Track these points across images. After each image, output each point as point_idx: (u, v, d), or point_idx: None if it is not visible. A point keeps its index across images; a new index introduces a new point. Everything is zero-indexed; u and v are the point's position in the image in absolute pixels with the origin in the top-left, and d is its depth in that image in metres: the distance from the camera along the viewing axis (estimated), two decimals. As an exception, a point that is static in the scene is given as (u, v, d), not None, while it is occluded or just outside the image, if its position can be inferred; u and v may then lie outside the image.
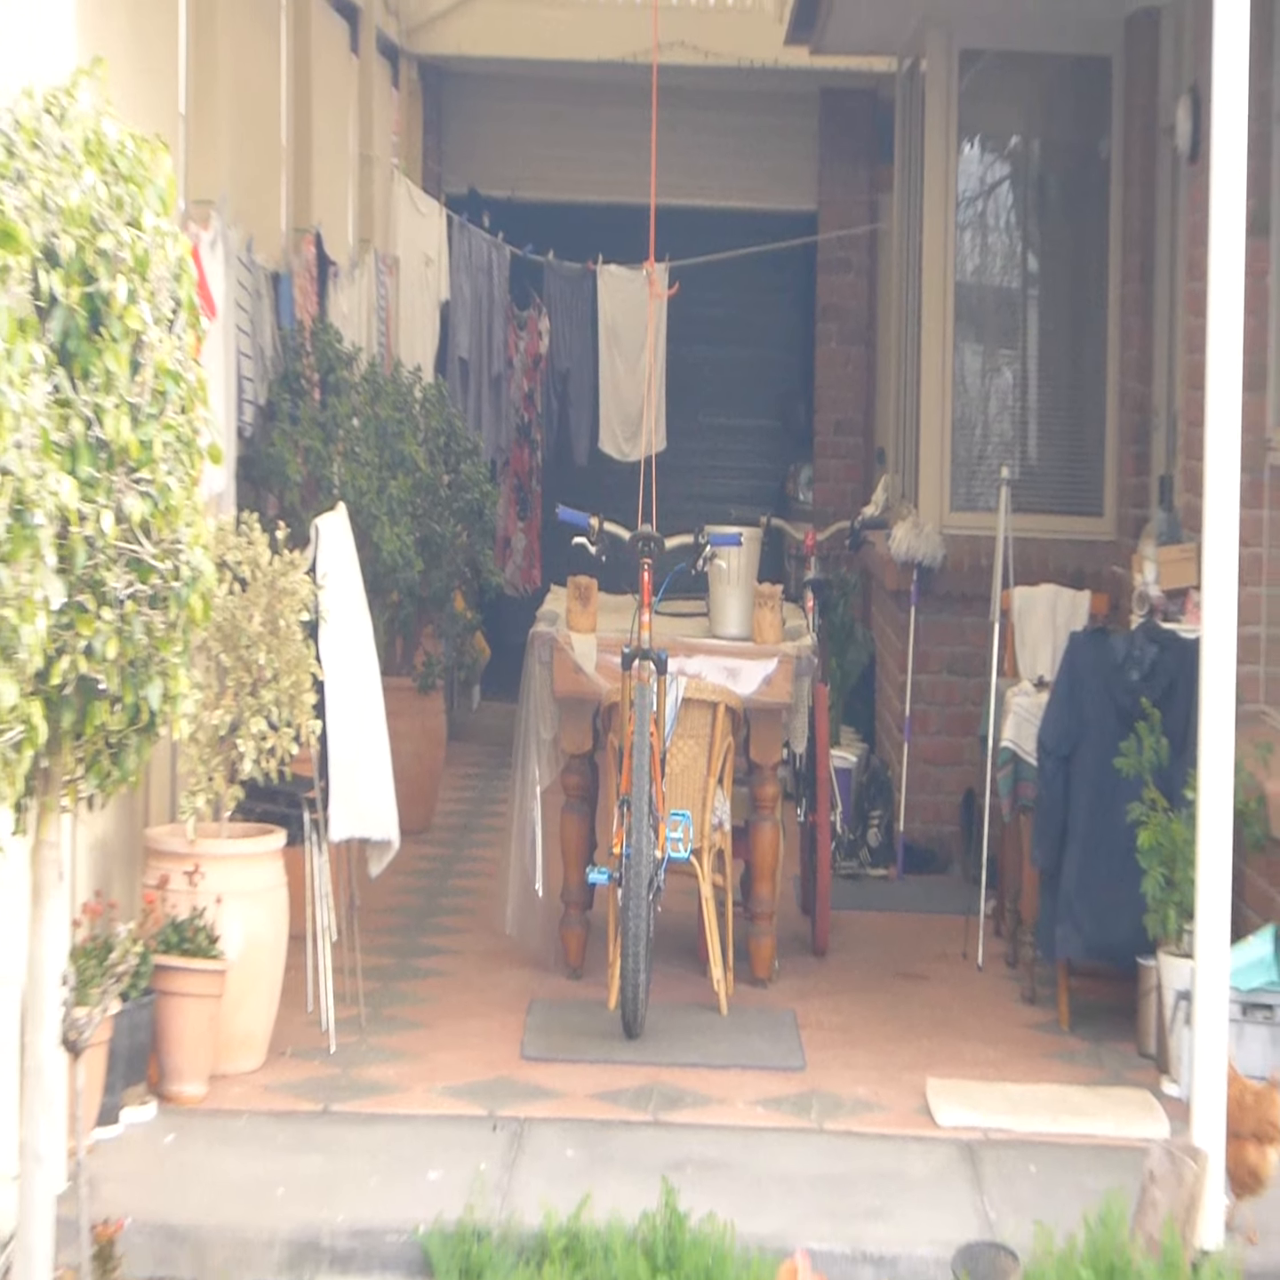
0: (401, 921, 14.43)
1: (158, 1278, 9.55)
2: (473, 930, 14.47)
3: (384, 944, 13.83)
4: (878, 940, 14.65)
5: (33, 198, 6.81)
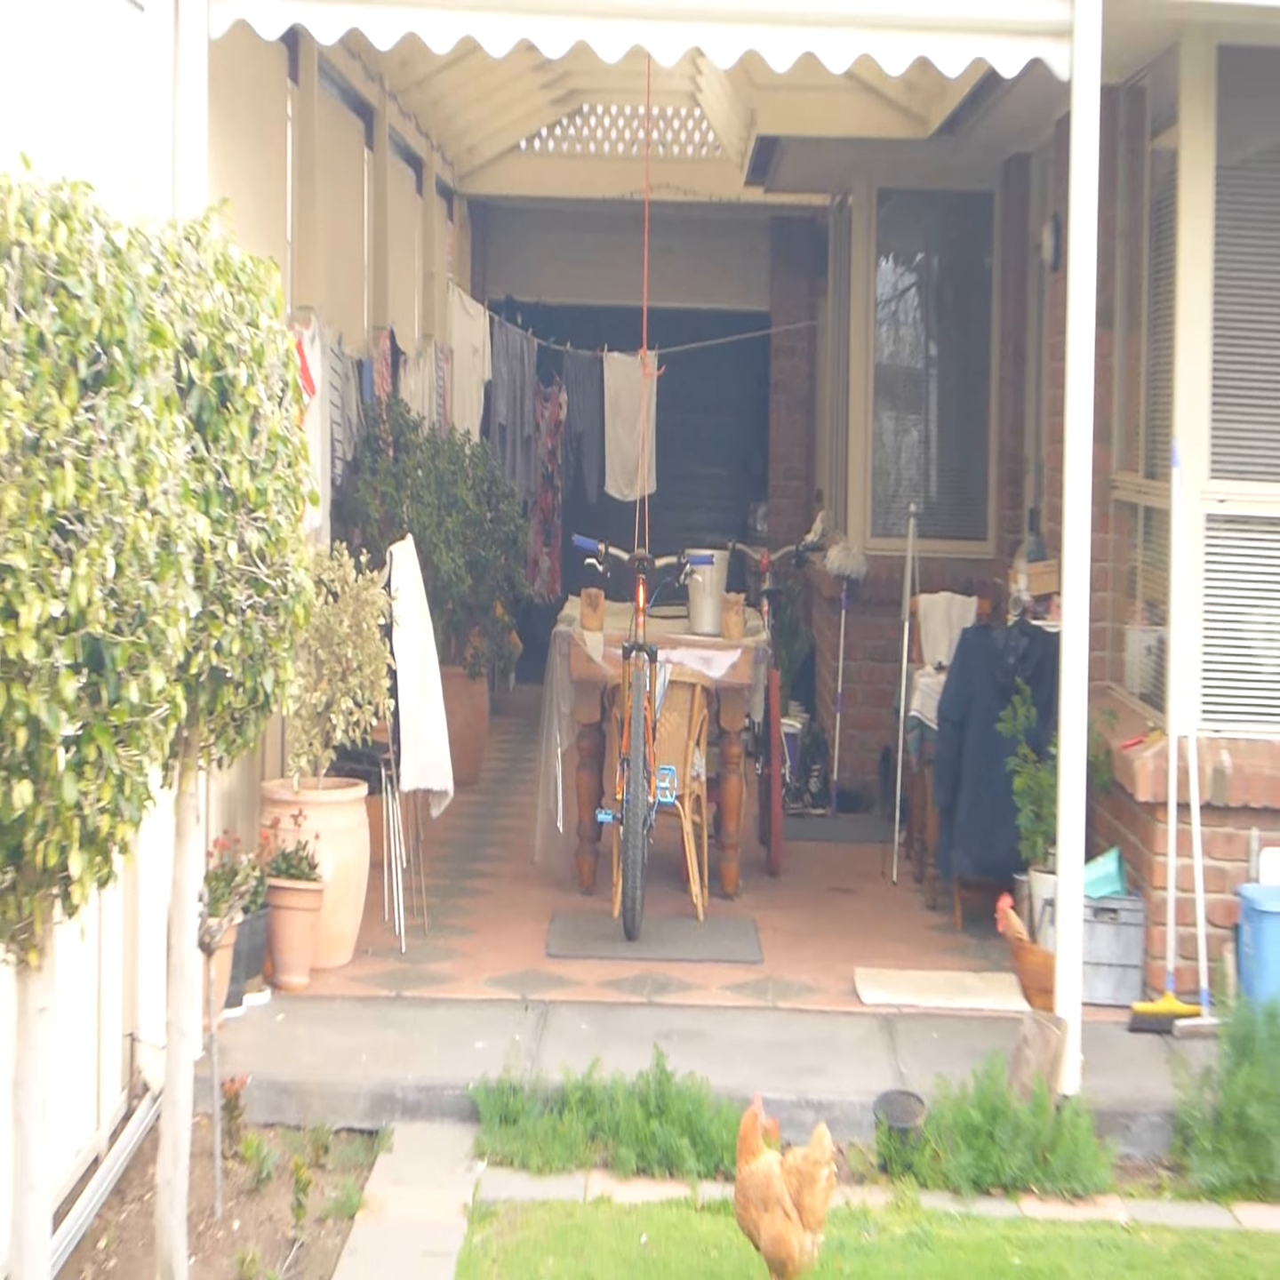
0: (455, 852, 14.44)
1: (270, 1123, 9.71)
2: (509, 859, 14.50)
3: (441, 869, 13.86)
4: (817, 864, 14.66)
5: (175, 305, 6.92)
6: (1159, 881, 11.15)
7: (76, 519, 5.60)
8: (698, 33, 10.14)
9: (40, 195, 5.89)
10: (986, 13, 9.98)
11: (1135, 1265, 8.65)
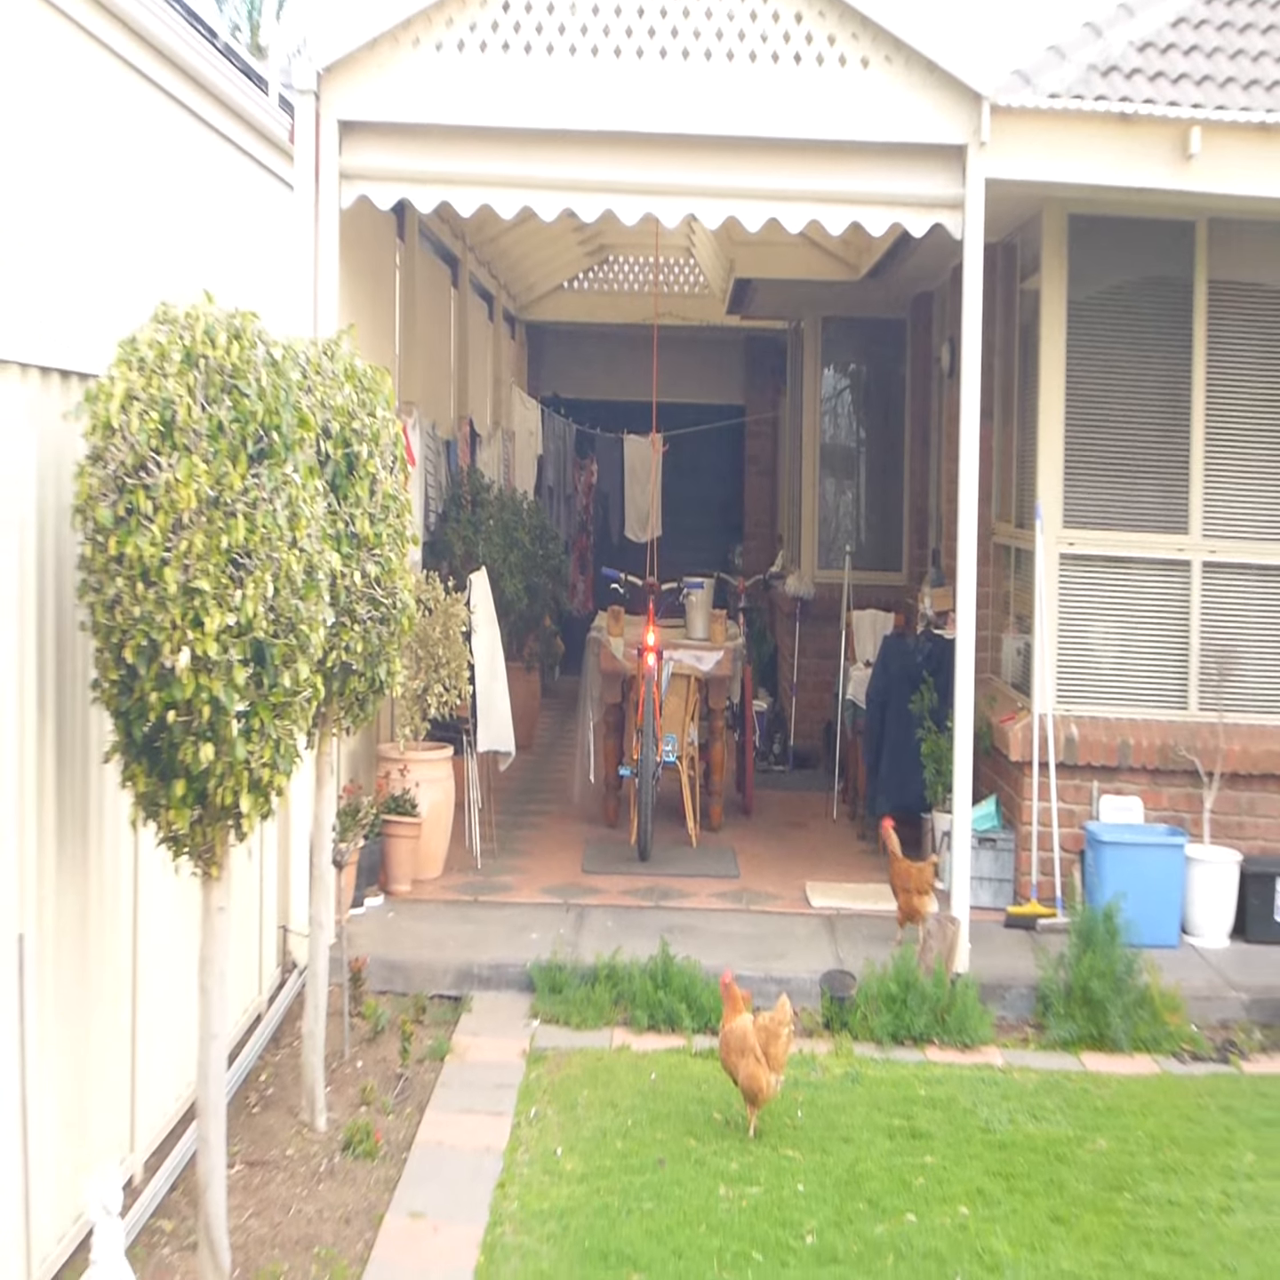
0: (515, 797, 14.37)
1: (384, 991, 9.73)
2: (555, 802, 14.45)
3: (506, 809, 13.80)
4: (778, 806, 14.58)
5: (316, 401, 6.95)
6: (1026, 819, 11.17)
7: (245, 555, 5.63)
8: (692, 204, 10.16)
9: (219, 321, 5.91)
10: (902, 190, 9.98)
11: (1008, 1096, 8.66)
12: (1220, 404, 11.37)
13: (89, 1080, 6.64)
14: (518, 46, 9.88)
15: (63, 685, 6.27)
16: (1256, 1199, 7.51)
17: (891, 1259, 6.83)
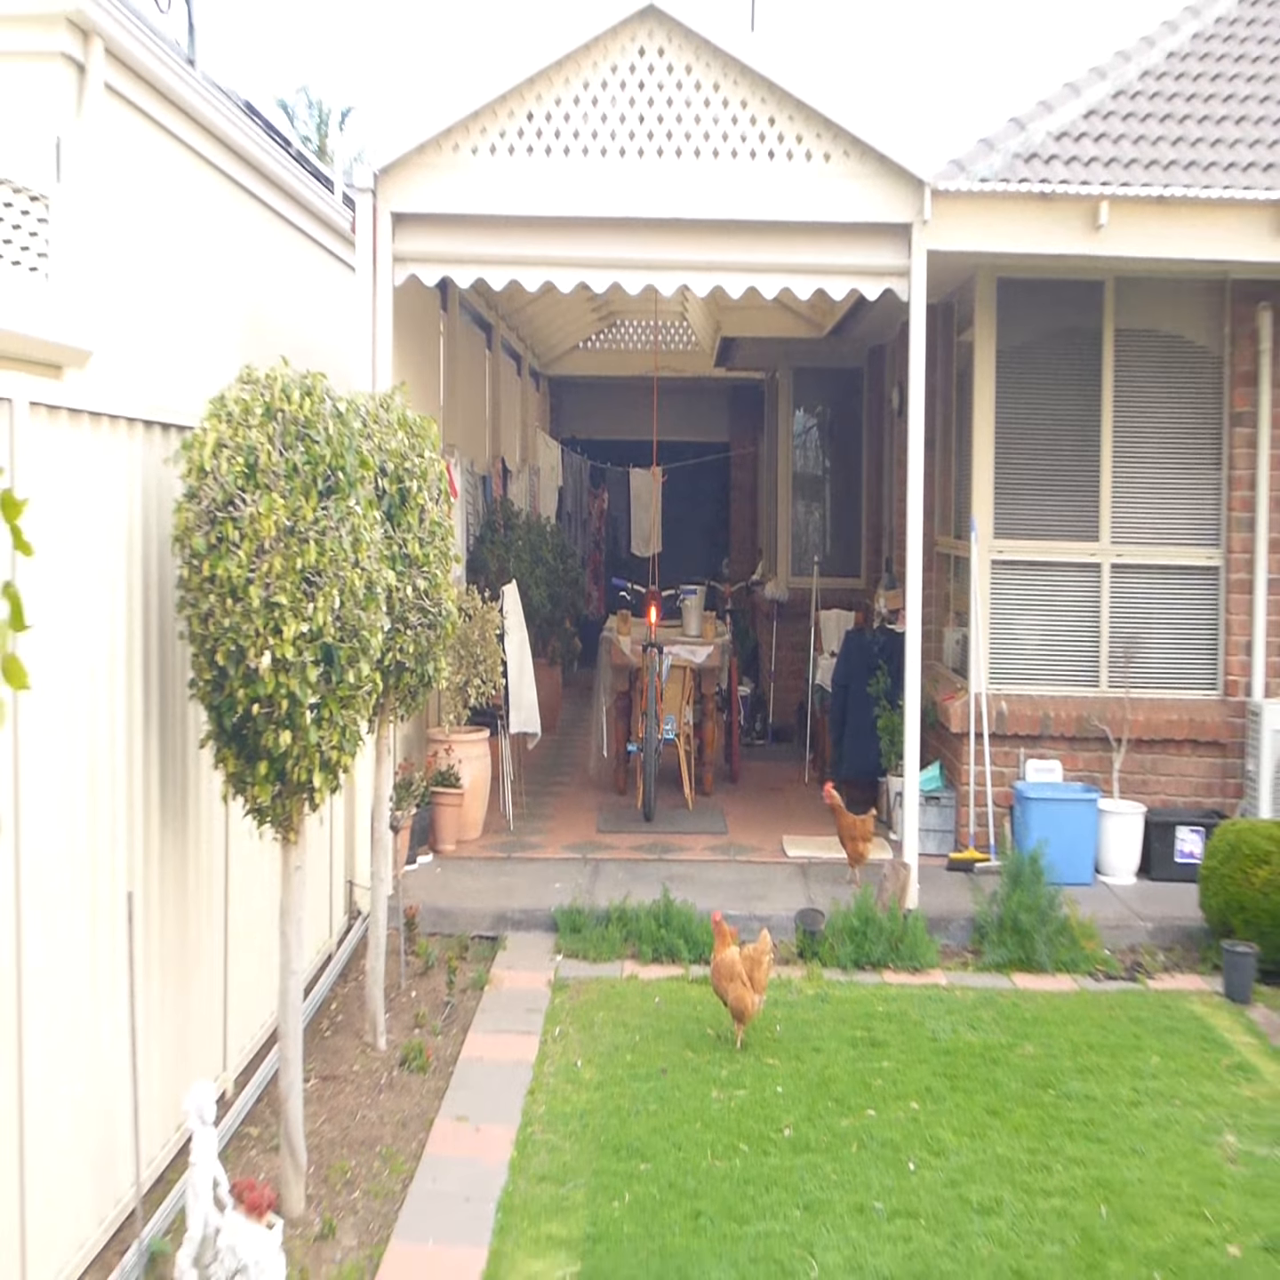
0: (541, 770, 14.39)
1: (433, 933, 9.72)
2: (575, 774, 14.44)
3: (533, 780, 13.82)
4: (759, 774, 14.59)
5: (375, 445, 6.96)
6: (964, 781, 11.17)
7: (316, 574, 5.63)
8: (685, 277, 10.16)
9: (294, 381, 5.92)
10: (858, 262, 9.97)
11: (951, 1010, 8.67)
12: (1124, 431, 11.37)
13: (188, 1012, 6.67)
14: (539, 149, 9.90)
15: (165, 684, 6.30)
16: (1160, 1095, 7.52)
17: (855, 1147, 6.84)
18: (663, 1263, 5.81)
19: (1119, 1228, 6.16)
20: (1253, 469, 11.18)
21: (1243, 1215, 6.29)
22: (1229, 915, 9.26)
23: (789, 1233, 6.06)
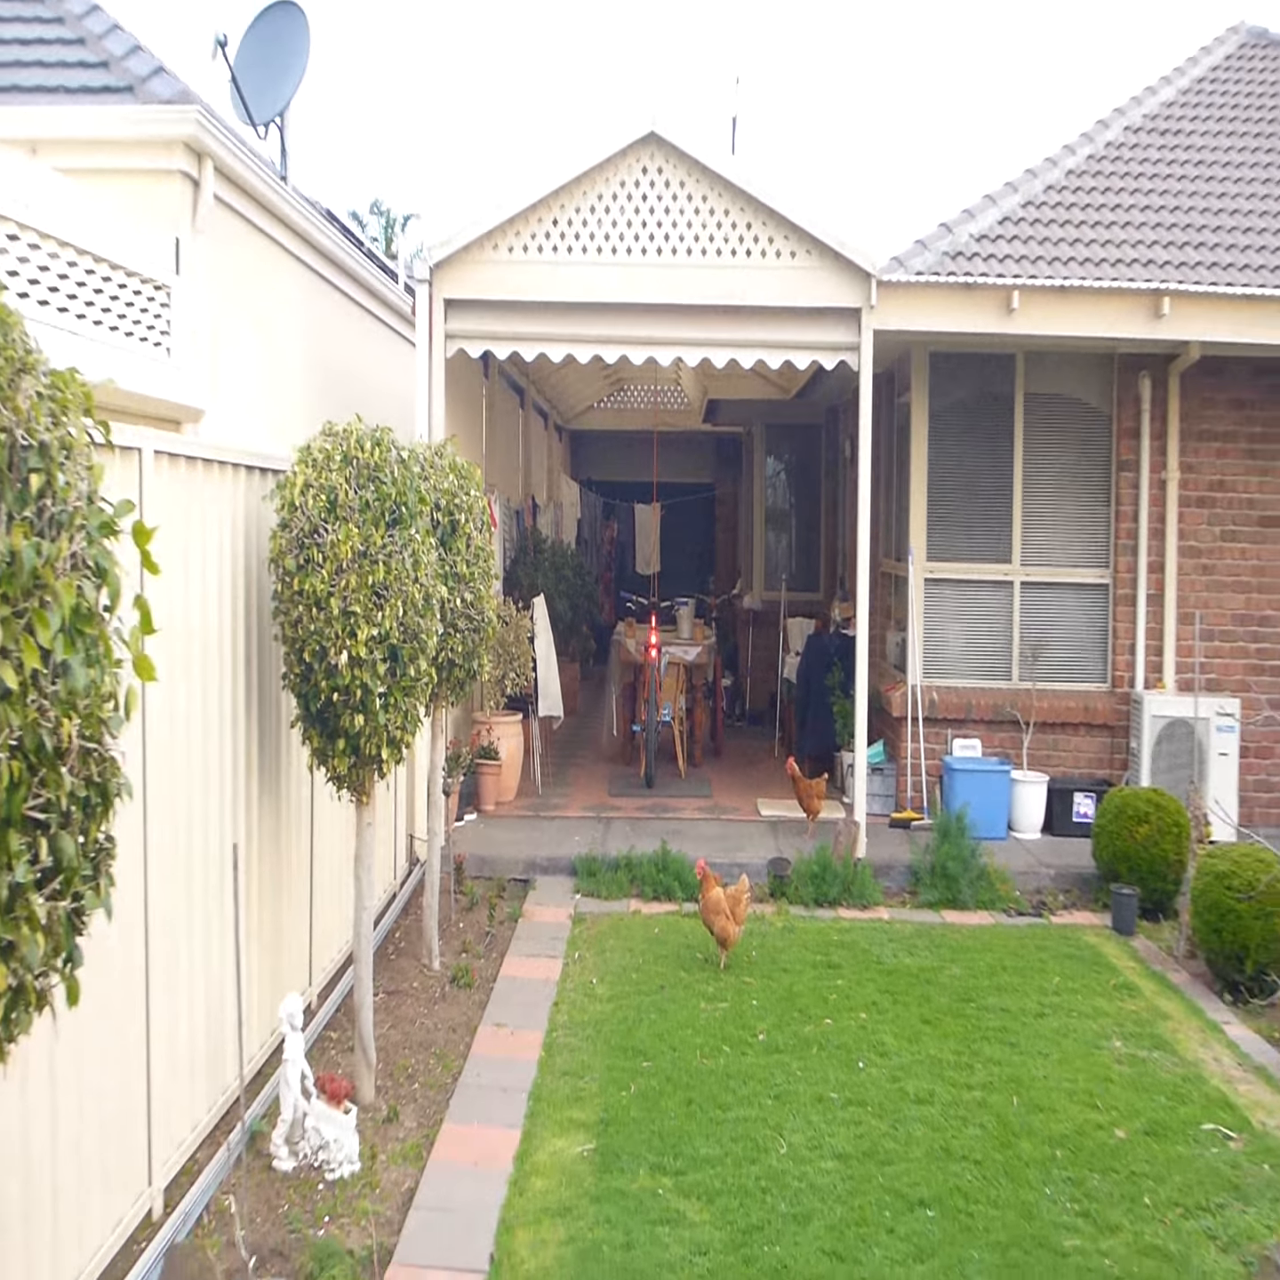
0: (564, 745, 14.39)
1: (477, 876, 9.71)
2: (590, 749, 14.41)
3: (558, 753, 13.83)
4: (739, 750, 14.57)
5: (430, 486, 6.97)
6: (903, 755, 11.17)
7: (384, 589, 5.64)
8: (679, 351, 10.16)
9: (366, 434, 5.93)
10: (818, 339, 9.97)
11: (893, 939, 8.67)
12: (1031, 475, 11.36)
13: (282, 939, 6.69)
14: (562, 249, 9.92)
15: (262, 677, 6.32)
16: (1061, 1008, 7.53)
17: (816, 1049, 6.85)
18: (661, 1141, 5.83)
19: (1028, 1115, 6.18)
20: (1135, 505, 11.18)
21: (1127, 1106, 6.31)
22: (1116, 864, 9.28)
23: (762, 1117, 6.08)
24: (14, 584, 2.50)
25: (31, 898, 2.55)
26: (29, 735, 2.52)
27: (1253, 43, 13.42)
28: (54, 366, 2.77)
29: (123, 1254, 4.78)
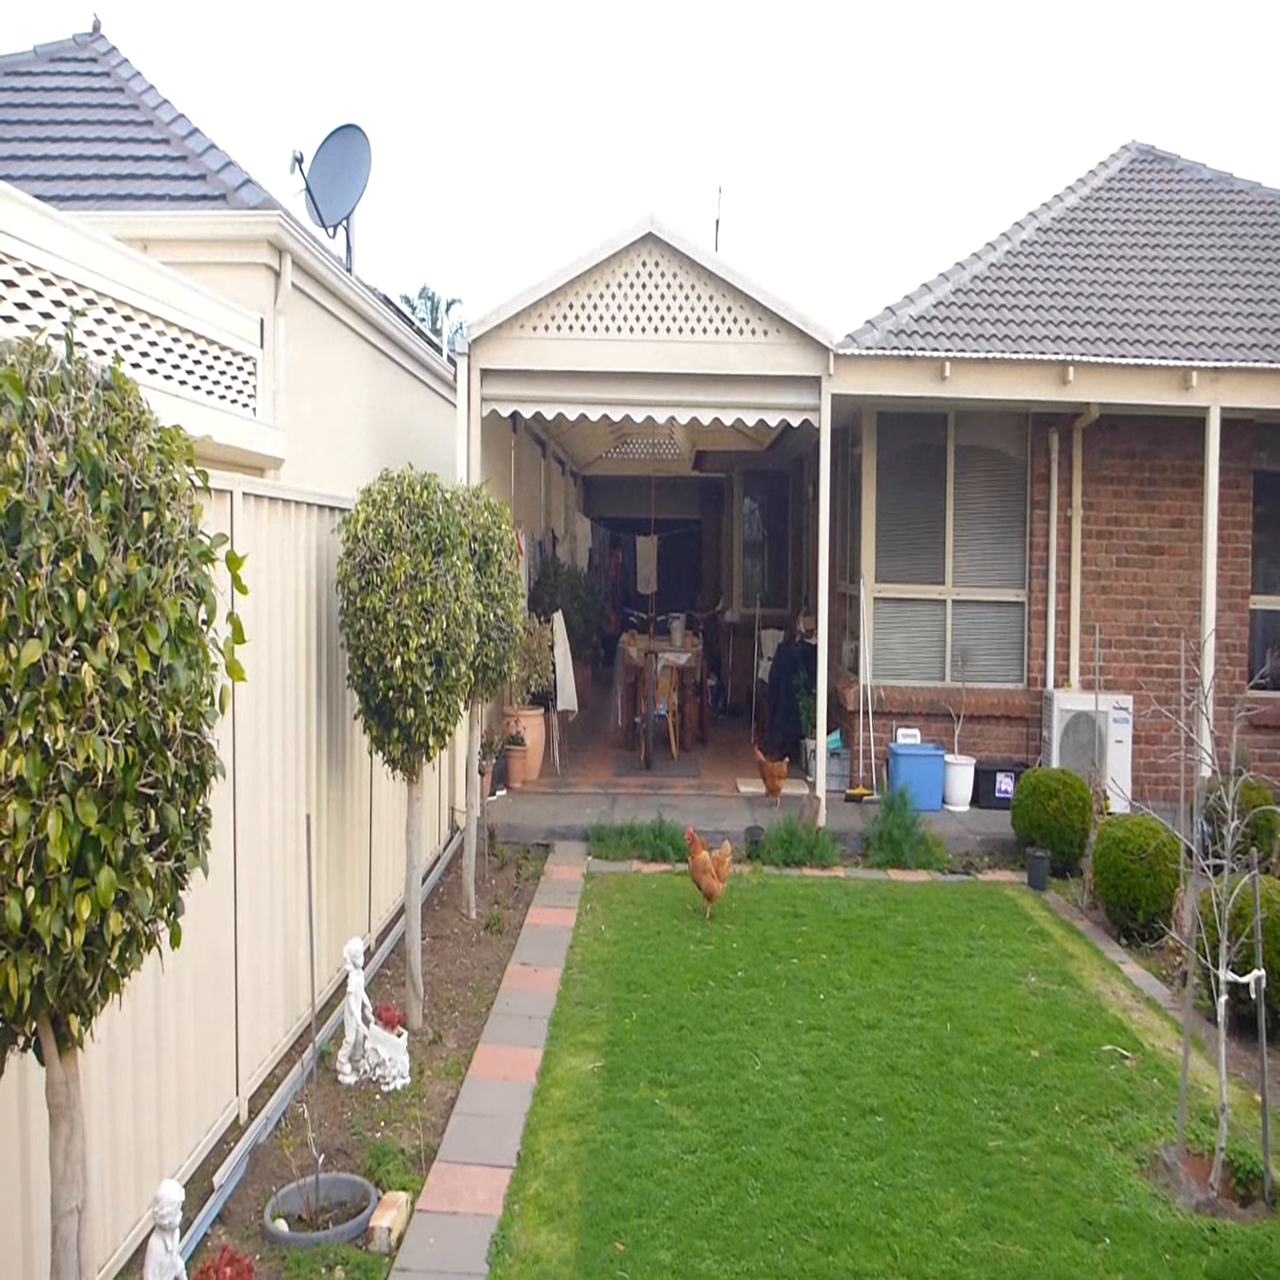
0: (578, 735, 14.34)
1: (506, 841, 9.66)
2: (599, 737, 14.40)
3: (573, 741, 13.77)
4: (724, 739, 14.50)
5: (469, 521, 6.95)
6: (856, 743, 11.15)
7: (430, 605, 5.64)
8: (672, 411, 10.15)
9: (416, 479, 5.94)
10: (787, 402, 9.98)
11: (848, 894, 8.65)
12: (961, 512, 11.35)
13: (345, 893, 6.68)
14: (576, 328, 9.93)
15: (331, 677, 6.32)
16: (986, 950, 7.51)
17: (784, 984, 6.84)
18: (658, 1059, 5.82)
19: (959, 1038, 6.17)
20: (1046, 537, 11.18)
21: (1040, 1031, 6.30)
22: (1031, 831, 9.26)
23: (741, 1040, 6.07)
24: (129, 601, 2.52)
25: (143, 858, 2.56)
26: (141, 725, 2.53)
27: (1142, 158, 13.45)
28: (162, 424, 2.78)
29: (215, 1151, 4.78)
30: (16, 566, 2.37)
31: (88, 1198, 2.76)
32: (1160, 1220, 4.53)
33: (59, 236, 5.03)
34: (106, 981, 2.59)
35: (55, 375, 2.56)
